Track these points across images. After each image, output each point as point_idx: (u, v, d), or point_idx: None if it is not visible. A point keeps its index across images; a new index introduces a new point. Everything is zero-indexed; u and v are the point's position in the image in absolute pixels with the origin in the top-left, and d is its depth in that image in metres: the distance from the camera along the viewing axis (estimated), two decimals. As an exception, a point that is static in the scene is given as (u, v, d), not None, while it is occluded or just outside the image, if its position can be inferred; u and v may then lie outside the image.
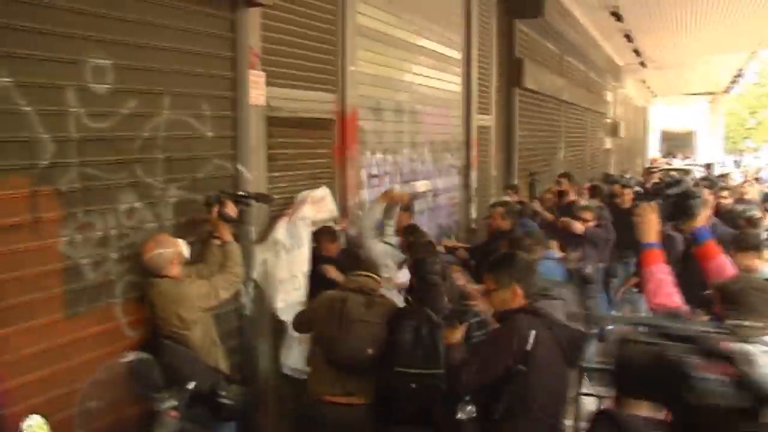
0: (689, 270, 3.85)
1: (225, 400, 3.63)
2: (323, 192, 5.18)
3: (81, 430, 3.17)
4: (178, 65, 3.90)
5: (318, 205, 5.04)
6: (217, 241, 4.04)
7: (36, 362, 3.15)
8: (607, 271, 7.63)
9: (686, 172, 19.33)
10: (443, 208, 7.95)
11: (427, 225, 6.87)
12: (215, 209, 3.96)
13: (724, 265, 3.28)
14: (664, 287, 3.16)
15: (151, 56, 3.72)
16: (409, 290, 4.42)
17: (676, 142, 49.57)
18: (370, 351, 3.82)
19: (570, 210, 7.31)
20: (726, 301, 2.85)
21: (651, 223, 3.32)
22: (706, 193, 6.54)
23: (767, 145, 51.44)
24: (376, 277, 4.16)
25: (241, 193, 4.17)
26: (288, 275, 4.67)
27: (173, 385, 3.31)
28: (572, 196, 8.41)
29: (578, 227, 6.74)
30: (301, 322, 4.22)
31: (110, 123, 3.48)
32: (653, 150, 43.87)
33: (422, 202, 7.46)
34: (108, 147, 3.48)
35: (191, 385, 3.31)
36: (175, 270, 3.67)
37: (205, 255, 4.06)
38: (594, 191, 9.52)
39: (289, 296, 4.65)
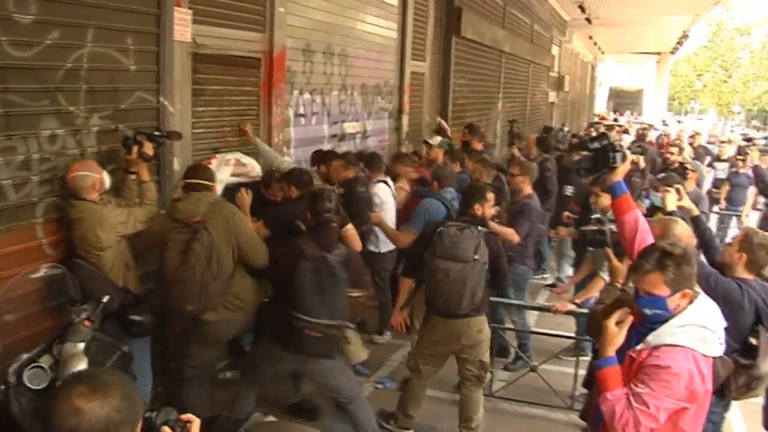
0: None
1: (134, 317, 3.94)
2: (248, 160, 5.35)
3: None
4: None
5: (239, 169, 5.21)
6: (132, 177, 4.26)
7: (-43, 275, 3.38)
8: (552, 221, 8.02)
9: (626, 130, 19.87)
10: (373, 149, 8.23)
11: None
12: (134, 149, 4.17)
13: (638, 220, 3.25)
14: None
15: (76, -11, 3.88)
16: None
17: (623, 100, 50.51)
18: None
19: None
20: None
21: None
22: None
23: (713, 109, 52.83)
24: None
25: (156, 132, 4.39)
26: None
27: (87, 300, 3.59)
28: (478, 146, 8.69)
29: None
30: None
31: (33, 53, 3.66)
32: (600, 106, 44.63)
33: (351, 143, 7.74)
34: (31, 76, 3.66)
35: (105, 299, 3.59)
36: (95, 195, 3.90)
37: (122, 190, 4.26)
38: (540, 143, 9.85)
39: None
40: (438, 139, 8.33)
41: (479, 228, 4.43)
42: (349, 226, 4.85)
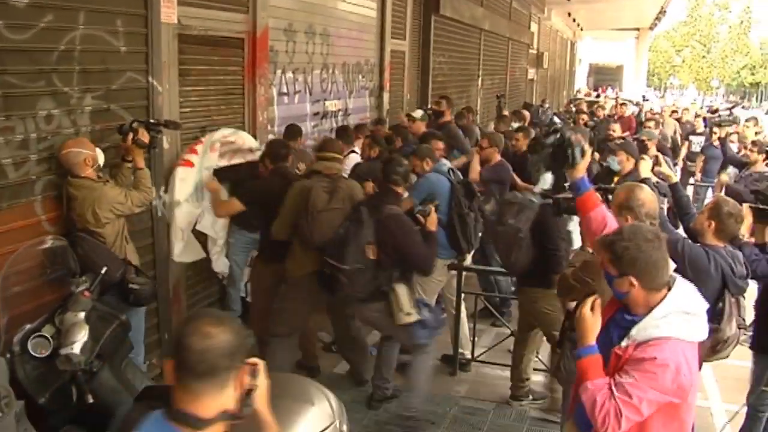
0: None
1: (133, 286, 4.14)
2: (235, 135, 5.55)
3: (3, 313, 3.59)
4: (92, -17, 4.21)
5: (227, 147, 5.41)
6: (128, 164, 4.40)
7: (-39, 251, 3.56)
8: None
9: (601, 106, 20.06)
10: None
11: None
12: (130, 136, 4.31)
13: (605, 216, 3.19)
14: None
15: (66, -26, 4.03)
16: None
17: (604, 76, 50.78)
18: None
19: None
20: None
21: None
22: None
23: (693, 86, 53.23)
24: (339, 156, 4.91)
25: (153, 120, 4.53)
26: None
27: (87, 272, 3.79)
28: (448, 117, 8.77)
29: (474, 176, 6.52)
30: (282, 225, 4.78)
31: (28, 35, 3.81)
32: (581, 83, 44.92)
33: (333, 121, 7.93)
34: (26, 57, 3.82)
35: (104, 270, 3.79)
36: (89, 171, 4.05)
37: (117, 176, 4.40)
38: (516, 116, 10.15)
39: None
40: (420, 112, 8.52)
41: None
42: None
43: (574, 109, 17.33)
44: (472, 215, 5.23)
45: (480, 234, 5.59)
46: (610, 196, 4.01)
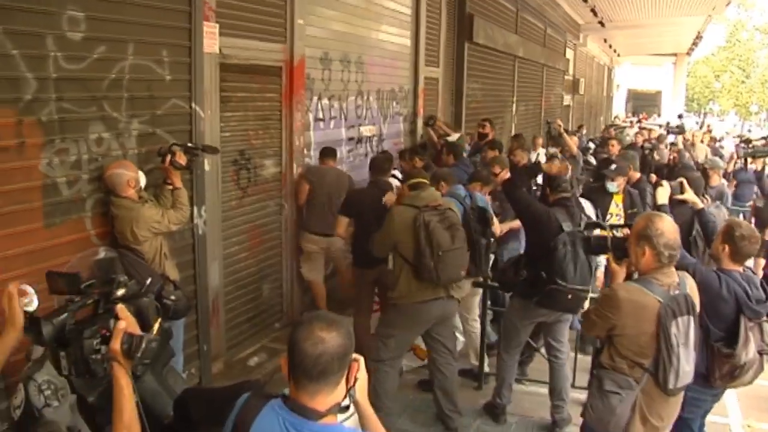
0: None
1: (169, 302, 4.39)
2: None
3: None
4: (141, 17, 4.53)
5: None
6: (169, 187, 4.67)
7: (18, 262, 3.86)
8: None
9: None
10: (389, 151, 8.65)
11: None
12: (168, 158, 4.58)
13: None
14: None
15: (118, 9, 4.36)
16: None
17: (642, 102, 50.36)
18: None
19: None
20: None
21: None
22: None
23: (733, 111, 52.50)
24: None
25: (190, 144, 4.80)
26: None
27: (131, 282, 4.05)
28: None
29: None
30: (384, 244, 4.99)
31: (83, 65, 4.15)
32: (619, 108, 44.63)
33: (367, 145, 8.19)
34: (80, 85, 4.15)
35: (148, 281, 4.04)
36: (131, 192, 4.34)
37: (159, 197, 4.67)
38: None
39: None
40: (456, 136, 8.74)
41: None
42: None
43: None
44: (483, 241, 5.32)
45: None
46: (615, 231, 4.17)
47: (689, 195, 5.36)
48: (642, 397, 3.37)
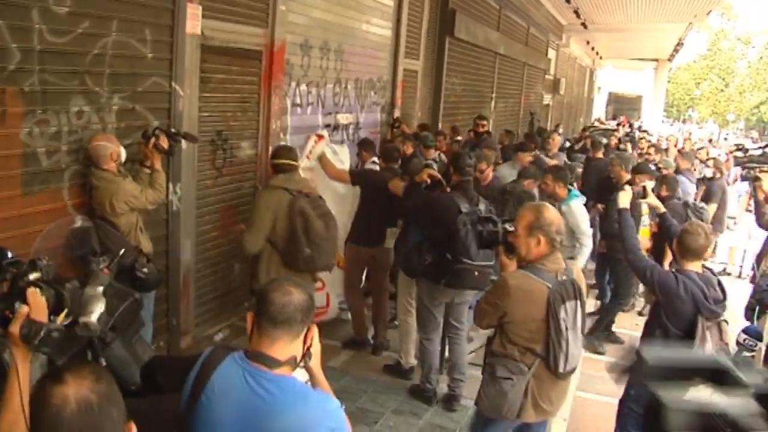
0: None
1: (141, 274, 4.53)
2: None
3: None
4: (126, -5, 4.66)
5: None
6: (146, 170, 4.79)
7: (-4, 227, 3.97)
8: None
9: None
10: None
11: (349, 154, 7.41)
12: (151, 141, 4.73)
13: None
14: None
15: (104, -15, 4.48)
16: None
17: (622, 105, 50.81)
18: None
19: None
20: None
21: None
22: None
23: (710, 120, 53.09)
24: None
25: (173, 130, 4.95)
26: None
27: (104, 254, 4.18)
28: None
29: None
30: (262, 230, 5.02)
31: (66, 39, 4.26)
32: (599, 111, 45.03)
33: (343, 133, 8.35)
34: (64, 59, 4.26)
35: (122, 252, 4.18)
36: (112, 165, 4.47)
37: (136, 178, 4.76)
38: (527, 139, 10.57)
39: None
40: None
41: None
42: None
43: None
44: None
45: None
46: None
47: (651, 199, 5.54)
48: (533, 381, 3.54)
